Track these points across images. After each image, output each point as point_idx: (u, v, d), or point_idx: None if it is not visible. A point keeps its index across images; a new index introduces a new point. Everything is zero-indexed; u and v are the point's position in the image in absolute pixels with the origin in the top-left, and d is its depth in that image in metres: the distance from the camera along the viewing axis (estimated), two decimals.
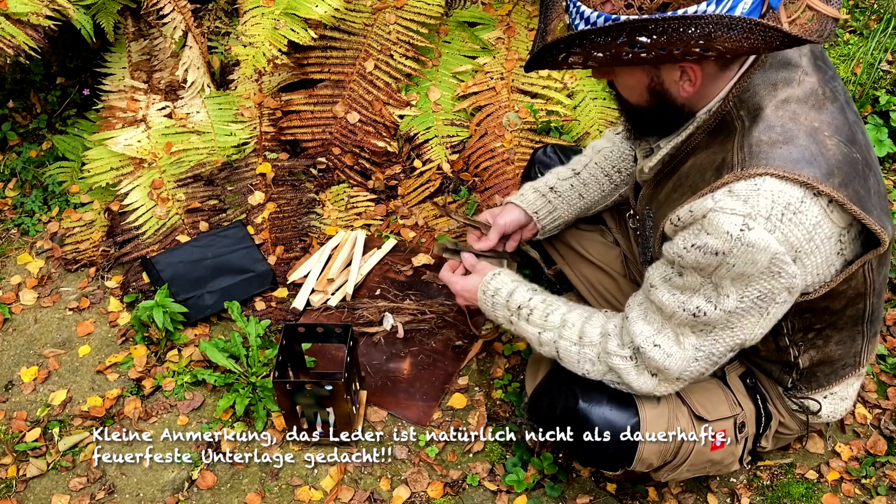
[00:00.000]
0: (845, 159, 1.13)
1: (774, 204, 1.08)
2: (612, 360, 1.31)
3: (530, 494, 1.68)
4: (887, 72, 2.47)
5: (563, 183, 1.65)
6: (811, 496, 1.67)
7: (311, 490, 1.70)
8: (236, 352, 1.89)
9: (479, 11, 2.55)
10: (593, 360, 1.34)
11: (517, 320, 1.45)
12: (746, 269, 1.11)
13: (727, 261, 1.11)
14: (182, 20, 2.36)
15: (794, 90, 1.15)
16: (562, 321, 1.38)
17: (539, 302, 1.43)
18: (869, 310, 1.31)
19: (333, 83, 2.44)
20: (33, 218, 2.33)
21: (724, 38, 0.99)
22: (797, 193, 1.09)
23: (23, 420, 1.85)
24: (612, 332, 1.32)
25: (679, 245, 1.16)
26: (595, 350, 1.34)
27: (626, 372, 1.30)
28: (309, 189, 2.33)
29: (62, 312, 2.09)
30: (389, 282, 2.11)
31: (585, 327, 1.36)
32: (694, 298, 1.18)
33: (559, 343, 1.38)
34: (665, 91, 1.16)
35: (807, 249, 1.12)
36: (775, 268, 1.11)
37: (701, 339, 1.23)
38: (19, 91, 2.57)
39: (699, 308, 1.18)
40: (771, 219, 1.08)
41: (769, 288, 1.14)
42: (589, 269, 1.75)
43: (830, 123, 1.14)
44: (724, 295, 1.16)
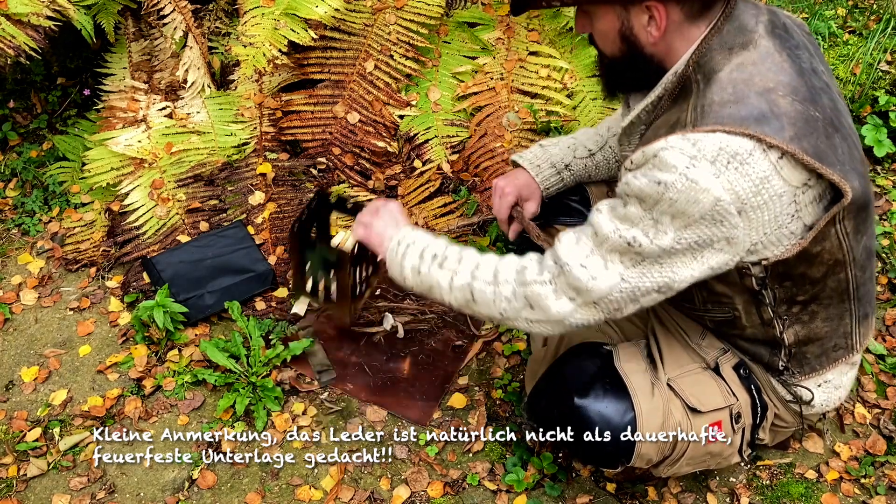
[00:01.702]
0: (800, 116, 1.15)
1: (721, 151, 1.11)
2: (530, 288, 1.29)
3: (530, 494, 1.68)
4: (886, 72, 2.47)
5: (578, 162, 1.67)
6: (811, 496, 1.67)
7: (311, 490, 1.70)
8: (237, 352, 1.90)
9: (479, 12, 2.56)
10: (509, 298, 1.32)
11: (427, 269, 1.40)
12: (687, 207, 1.13)
13: (669, 194, 1.13)
14: (182, 20, 2.36)
15: (749, 54, 1.19)
16: (475, 263, 1.37)
17: (454, 251, 1.41)
18: (853, 283, 1.31)
19: (334, 83, 2.44)
20: (34, 218, 2.33)
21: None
22: (746, 145, 1.12)
23: (23, 420, 1.85)
24: (529, 264, 1.31)
25: (629, 177, 1.19)
26: (510, 287, 1.31)
27: (544, 297, 1.28)
28: (309, 189, 2.33)
29: (63, 312, 2.09)
30: (389, 282, 2.11)
31: (500, 266, 1.34)
32: (632, 229, 1.19)
33: (473, 284, 1.35)
34: (634, 37, 1.23)
35: (753, 203, 1.14)
36: (718, 215, 1.13)
37: (629, 269, 1.22)
38: (20, 91, 2.57)
39: (635, 238, 1.19)
40: (716, 163, 1.11)
41: (709, 234, 1.16)
42: None
43: (787, 84, 1.17)
44: (662, 232, 1.17)
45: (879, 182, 2.35)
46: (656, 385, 1.42)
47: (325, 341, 1.98)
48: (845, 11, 2.76)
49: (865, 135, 2.36)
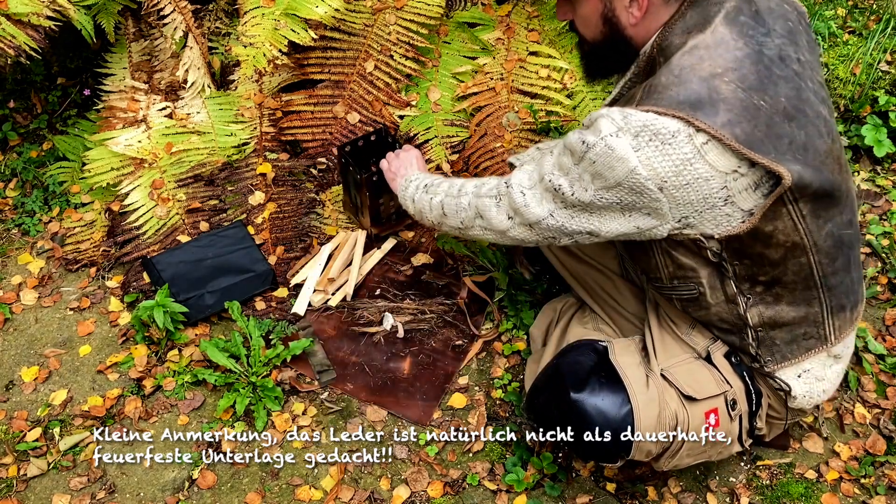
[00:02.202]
0: (740, 103, 1.18)
1: (645, 128, 1.18)
2: (481, 200, 1.47)
3: (530, 494, 1.68)
4: (886, 72, 2.47)
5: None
6: (810, 496, 1.68)
7: (311, 490, 1.70)
8: (237, 352, 1.90)
9: (479, 12, 2.55)
10: (465, 208, 1.51)
11: (420, 196, 1.66)
12: (604, 171, 1.22)
13: (589, 155, 1.23)
14: (182, 21, 2.36)
15: (704, 37, 1.23)
16: (450, 184, 1.60)
17: (445, 181, 1.64)
18: (817, 270, 1.32)
19: (334, 83, 2.44)
20: (34, 218, 2.33)
21: None
22: (671, 127, 1.17)
23: (23, 420, 1.85)
24: (489, 182, 1.49)
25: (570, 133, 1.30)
26: (467, 199, 1.51)
27: (489, 208, 1.45)
28: (309, 189, 2.33)
29: (63, 312, 2.09)
30: (389, 282, 2.12)
31: (465, 183, 1.56)
32: (561, 178, 1.30)
33: (444, 200, 1.57)
34: (616, 19, 1.31)
35: (675, 183, 1.19)
36: (636, 185, 1.21)
37: (559, 209, 1.34)
38: (20, 91, 2.57)
39: (560, 186, 1.31)
40: (638, 138, 1.18)
41: (631, 200, 1.24)
42: (585, 270, 1.75)
43: (735, 70, 1.20)
44: (583, 188, 1.27)
45: (879, 182, 2.36)
46: (651, 376, 1.43)
47: (325, 341, 1.98)
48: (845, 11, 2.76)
49: (865, 135, 2.36)
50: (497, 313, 2.01)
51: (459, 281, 2.09)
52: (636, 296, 1.70)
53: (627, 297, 1.70)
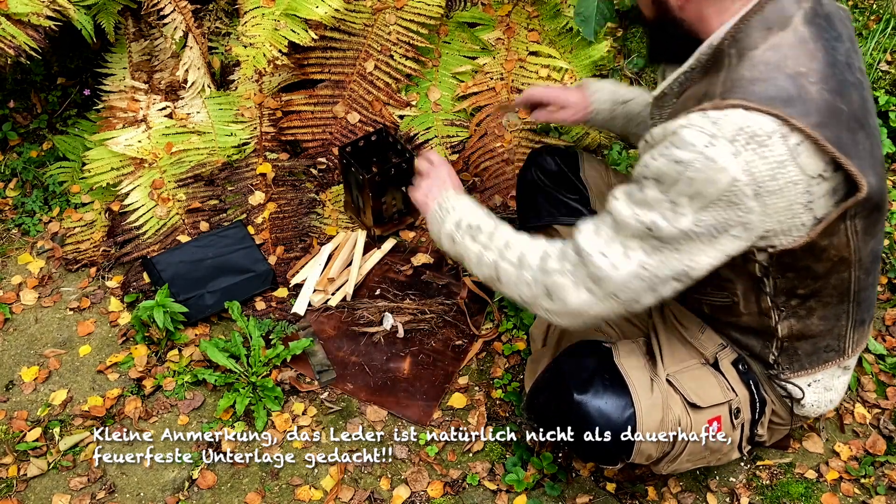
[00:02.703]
0: (827, 105, 1.14)
1: (740, 131, 1.10)
2: (551, 278, 1.29)
3: (530, 494, 1.68)
4: (886, 72, 2.47)
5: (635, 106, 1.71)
6: (810, 496, 1.67)
7: (311, 490, 1.70)
8: (237, 352, 1.90)
9: (479, 12, 2.56)
10: (529, 283, 1.33)
11: (461, 238, 1.45)
12: (705, 188, 1.12)
13: (687, 173, 1.12)
14: (182, 21, 2.36)
15: (787, 36, 1.17)
16: (505, 242, 1.39)
17: (490, 225, 1.43)
18: (855, 285, 1.31)
19: (334, 83, 2.44)
20: (34, 218, 2.33)
21: None
22: (767, 127, 1.10)
23: (23, 420, 1.85)
24: (553, 253, 1.32)
25: (647, 158, 1.19)
26: (532, 273, 1.33)
27: (563, 288, 1.28)
28: (309, 189, 2.33)
29: (63, 312, 2.09)
30: (389, 282, 2.12)
31: (526, 249, 1.36)
32: (651, 213, 1.18)
33: (500, 264, 1.38)
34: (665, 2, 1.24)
35: (770, 188, 1.13)
36: (734, 196, 1.12)
37: (649, 256, 1.21)
38: (20, 91, 2.57)
39: (654, 222, 1.18)
40: (735, 143, 1.10)
41: (725, 217, 1.15)
42: None
43: (818, 72, 1.16)
44: (681, 213, 1.16)
45: None
46: (655, 381, 1.42)
47: (325, 341, 1.98)
48: None
49: None
50: (497, 313, 2.01)
51: (459, 281, 2.10)
52: None
53: None
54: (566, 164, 1.82)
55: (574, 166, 1.82)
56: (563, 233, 1.77)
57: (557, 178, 1.82)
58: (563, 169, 1.82)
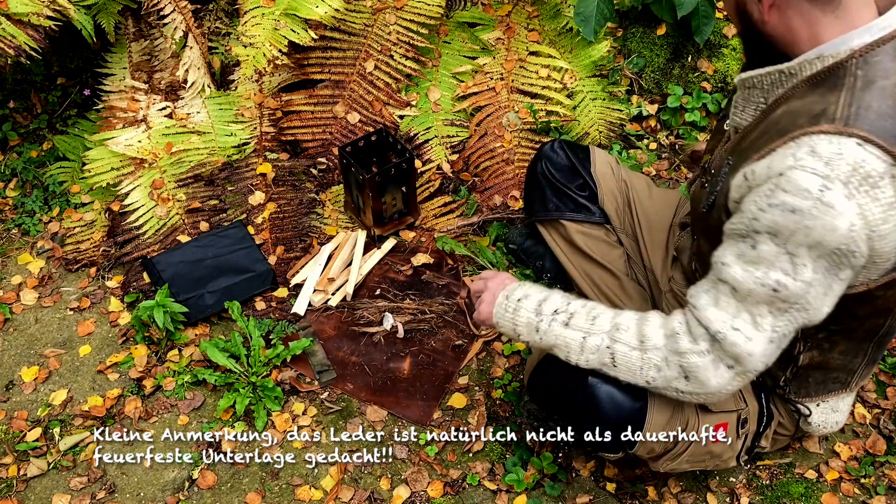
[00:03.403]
0: None
1: (854, 172, 1.03)
2: (687, 359, 1.21)
3: (530, 494, 1.68)
4: None
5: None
6: (810, 496, 1.67)
7: (311, 490, 1.70)
8: (237, 352, 1.90)
9: (479, 12, 2.56)
10: (659, 366, 1.24)
11: (549, 326, 1.33)
12: (824, 235, 1.05)
13: (805, 222, 1.04)
14: (182, 21, 2.36)
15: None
16: (613, 324, 1.29)
17: (580, 306, 1.33)
18: (884, 330, 1.29)
19: (334, 83, 2.44)
20: (34, 218, 2.33)
21: None
22: (879, 167, 1.03)
23: (23, 420, 1.85)
24: (680, 329, 1.22)
25: (753, 208, 1.10)
26: (661, 353, 1.24)
27: (704, 369, 1.20)
28: (309, 189, 2.33)
29: (63, 312, 2.09)
30: (389, 282, 2.12)
31: (644, 329, 1.26)
32: (771, 272, 1.11)
33: (615, 347, 1.28)
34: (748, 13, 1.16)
35: (881, 231, 1.06)
36: (851, 243, 1.06)
37: (777, 318, 1.15)
38: (20, 91, 2.57)
39: (779, 282, 1.10)
40: (849, 185, 1.03)
41: (838, 262, 1.08)
42: (592, 268, 1.75)
43: None
44: (802, 265, 1.08)
45: None
46: None
47: (325, 341, 1.98)
48: None
49: None
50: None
51: (459, 281, 2.09)
52: (641, 296, 1.69)
53: (633, 296, 1.70)
54: (577, 159, 1.80)
55: (585, 161, 1.80)
56: (571, 228, 1.77)
57: (567, 172, 1.80)
58: (574, 163, 1.79)
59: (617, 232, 1.76)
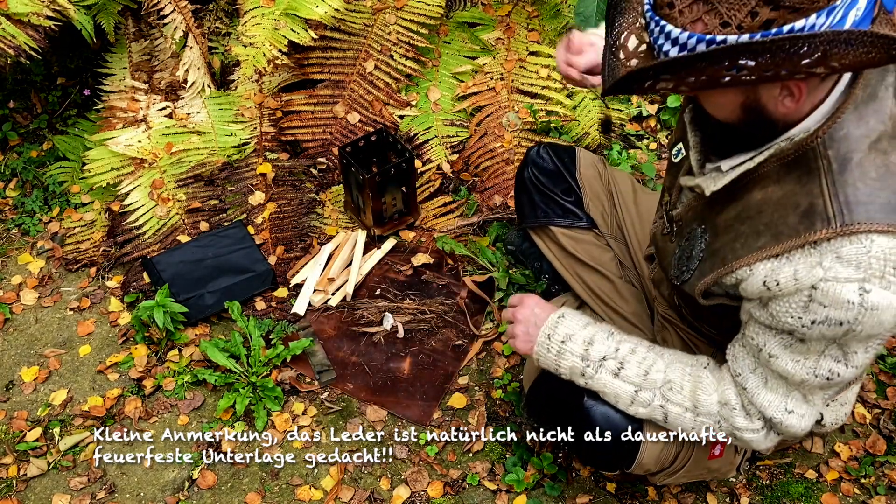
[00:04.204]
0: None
1: (885, 263, 1.01)
2: (742, 434, 1.26)
3: (530, 494, 1.68)
4: None
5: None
6: (810, 496, 1.67)
7: (311, 490, 1.70)
8: (237, 352, 1.90)
9: (479, 12, 2.56)
10: (712, 428, 1.29)
11: (596, 372, 1.32)
12: (874, 330, 1.06)
13: (854, 328, 1.05)
14: (182, 21, 2.36)
15: (884, 126, 1.05)
16: (665, 381, 1.29)
17: (629, 352, 1.31)
18: None
19: (334, 83, 2.44)
20: (34, 218, 2.33)
21: (842, 55, 0.87)
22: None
23: (23, 420, 1.85)
24: (735, 403, 1.26)
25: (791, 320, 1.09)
26: (713, 419, 1.28)
27: (756, 442, 1.27)
28: (309, 189, 2.33)
29: (63, 312, 2.09)
30: (389, 282, 2.12)
31: (698, 395, 1.28)
32: (822, 362, 1.13)
33: (668, 408, 1.30)
34: (761, 108, 1.04)
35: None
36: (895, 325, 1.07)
37: (829, 390, 1.21)
38: (20, 91, 2.57)
39: (831, 370, 1.13)
40: (885, 278, 1.02)
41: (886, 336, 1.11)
42: (585, 272, 1.75)
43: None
44: (853, 352, 1.11)
45: None
46: None
47: (325, 341, 1.98)
48: None
49: None
50: (497, 313, 2.01)
51: (459, 281, 2.09)
52: (636, 297, 1.69)
53: (628, 298, 1.69)
54: (562, 163, 1.78)
55: (570, 165, 1.79)
56: (559, 234, 1.76)
57: (553, 176, 1.79)
58: (559, 168, 1.78)
59: (605, 236, 1.76)
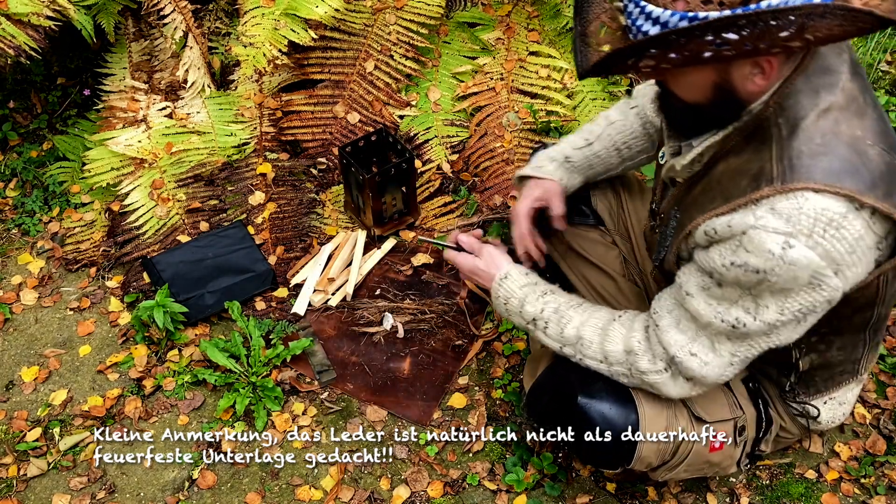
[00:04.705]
0: (888, 168, 1.09)
1: (817, 222, 1.05)
2: (647, 377, 1.29)
3: (530, 494, 1.68)
4: (886, 72, 2.47)
5: (576, 153, 1.62)
6: (810, 496, 1.67)
7: (311, 490, 1.70)
8: (237, 352, 1.90)
9: (479, 12, 2.56)
10: (626, 374, 1.33)
11: (534, 330, 1.43)
12: (787, 284, 1.09)
13: (769, 278, 1.08)
14: (182, 21, 2.36)
15: (835, 97, 1.09)
16: (577, 337, 1.36)
17: (552, 312, 1.40)
18: (875, 318, 1.30)
19: (334, 83, 2.44)
20: (34, 218, 2.33)
21: (817, 27, 0.93)
22: (840, 209, 1.05)
23: (23, 420, 1.85)
24: (638, 348, 1.30)
25: (717, 261, 1.13)
26: (624, 367, 1.32)
27: (664, 384, 1.29)
28: (309, 189, 2.33)
29: (63, 312, 2.09)
30: (389, 282, 2.12)
31: (606, 345, 1.33)
32: (732, 310, 1.16)
33: (585, 361, 1.36)
34: (731, 87, 1.09)
35: (848, 262, 1.09)
36: (816, 281, 1.09)
37: (737, 345, 1.21)
38: (20, 91, 2.57)
39: (738, 319, 1.16)
40: (813, 236, 1.05)
41: (810, 300, 1.11)
42: (588, 269, 1.75)
43: (873, 130, 1.10)
44: (764, 306, 1.13)
45: None
46: None
47: (325, 341, 1.98)
48: None
49: None
50: (497, 313, 2.01)
51: (459, 281, 2.09)
52: (638, 296, 1.69)
53: (630, 297, 1.69)
54: None
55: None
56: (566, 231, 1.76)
57: None
58: None
59: (611, 234, 1.76)
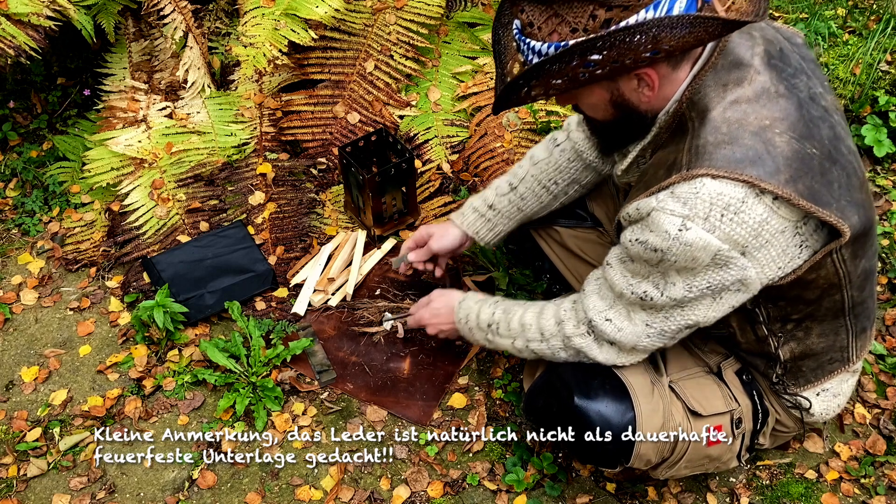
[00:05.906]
0: (796, 155, 1.13)
1: (713, 206, 1.11)
2: (573, 341, 1.38)
3: (530, 494, 1.68)
4: (886, 72, 2.47)
5: (501, 199, 1.72)
6: (810, 496, 1.68)
7: (311, 490, 1.70)
8: (237, 352, 1.90)
9: (479, 12, 2.56)
10: (563, 348, 1.42)
11: (493, 337, 1.54)
12: (688, 264, 1.16)
13: (667, 257, 1.17)
14: (182, 21, 2.36)
15: (744, 90, 1.16)
16: (520, 325, 1.47)
17: (501, 313, 1.52)
18: (849, 302, 1.31)
19: (334, 83, 2.44)
20: (34, 218, 2.33)
21: (669, 38, 1.04)
22: (738, 194, 1.11)
23: (23, 420, 1.85)
24: (565, 316, 1.40)
25: (628, 237, 1.22)
26: (558, 340, 1.41)
27: (589, 348, 1.37)
28: (309, 189, 2.33)
29: (63, 312, 2.09)
30: (389, 282, 2.12)
31: (541, 322, 1.44)
32: (642, 284, 1.25)
33: (531, 345, 1.46)
34: (626, 101, 1.20)
35: (755, 244, 1.15)
36: (721, 260, 1.15)
37: (651, 316, 1.29)
38: (20, 91, 2.57)
39: (646, 293, 1.25)
40: (709, 220, 1.12)
41: (719, 278, 1.18)
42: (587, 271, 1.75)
43: (783, 120, 1.15)
44: (671, 283, 1.21)
45: (879, 182, 2.35)
46: (657, 386, 1.42)
47: (325, 341, 1.98)
48: (845, 11, 2.76)
49: (865, 135, 2.36)
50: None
51: (459, 281, 2.09)
52: None
53: None
54: None
55: None
56: (564, 233, 1.77)
57: None
58: None
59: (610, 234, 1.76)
